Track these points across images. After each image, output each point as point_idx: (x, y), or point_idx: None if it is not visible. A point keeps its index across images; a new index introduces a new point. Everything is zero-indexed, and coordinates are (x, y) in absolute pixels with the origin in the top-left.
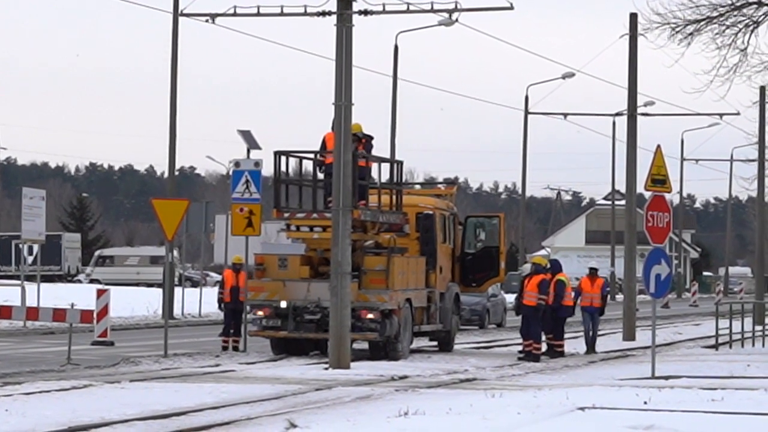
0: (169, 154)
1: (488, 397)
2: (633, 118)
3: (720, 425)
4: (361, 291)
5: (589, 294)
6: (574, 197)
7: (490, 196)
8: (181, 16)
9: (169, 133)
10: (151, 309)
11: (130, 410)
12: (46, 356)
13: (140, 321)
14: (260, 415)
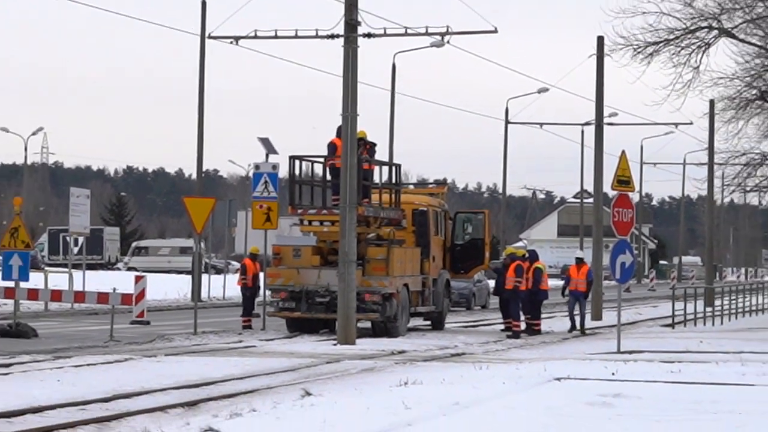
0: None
1: (476, 369)
2: (599, 127)
3: (678, 393)
4: (365, 277)
5: (575, 280)
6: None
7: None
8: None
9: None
10: (181, 293)
11: (166, 380)
12: (91, 334)
13: (172, 303)
14: (279, 385)
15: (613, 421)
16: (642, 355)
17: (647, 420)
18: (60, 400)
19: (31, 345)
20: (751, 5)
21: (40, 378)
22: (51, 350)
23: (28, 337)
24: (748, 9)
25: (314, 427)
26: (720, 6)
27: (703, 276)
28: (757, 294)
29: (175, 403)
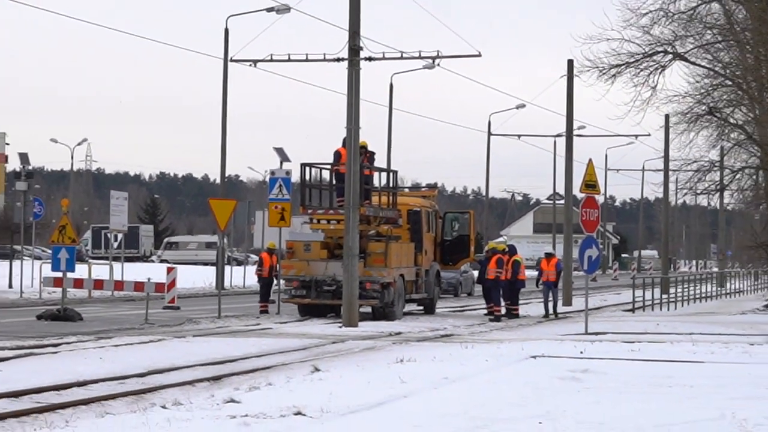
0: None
1: (463, 348)
2: (570, 138)
3: (638, 369)
4: (366, 268)
5: (546, 271)
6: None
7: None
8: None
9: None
10: (206, 282)
11: (194, 358)
12: (129, 318)
13: (199, 291)
14: (292, 362)
15: (582, 393)
16: (606, 336)
17: (611, 392)
18: (102, 375)
19: (76, 327)
20: (701, 33)
21: (84, 356)
22: (94, 332)
23: (74, 320)
24: (698, 36)
25: (323, 399)
26: (674, 33)
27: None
28: (705, 283)
29: (202, 377)
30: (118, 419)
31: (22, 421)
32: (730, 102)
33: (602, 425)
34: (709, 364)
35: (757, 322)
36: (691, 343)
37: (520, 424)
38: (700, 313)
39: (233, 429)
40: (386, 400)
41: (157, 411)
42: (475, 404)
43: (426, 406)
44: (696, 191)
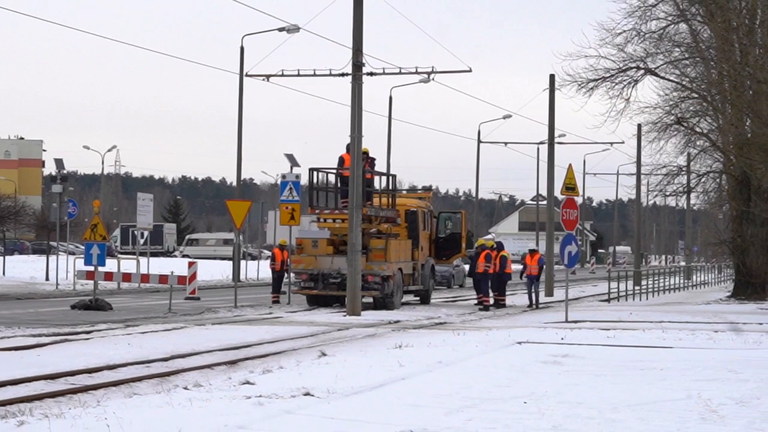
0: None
1: (455, 335)
2: (551, 145)
3: (613, 353)
4: (368, 263)
5: (530, 266)
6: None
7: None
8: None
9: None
10: (224, 275)
11: (213, 343)
12: (154, 307)
13: (217, 283)
14: (301, 347)
15: (562, 375)
16: (585, 324)
17: (589, 374)
18: (130, 359)
19: (107, 316)
20: (670, 50)
21: (114, 342)
22: (122, 320)
23: (104, 309)
24: (667, 53)
25: (329, 381)
26: (646, 51)
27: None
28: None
29: (220, 361)
30: (144, 399)
31: (59, 401)
32: (696, 113)
33: (581, 404)
34: (677, 350)
35: (721, 312)
36: (661, 330)
37: (507, 403)
38: (669, 303)
39: (248, 408)
40: (386, 382)
41: (180, 392)
42: (467, 386)
43: (422, 388)
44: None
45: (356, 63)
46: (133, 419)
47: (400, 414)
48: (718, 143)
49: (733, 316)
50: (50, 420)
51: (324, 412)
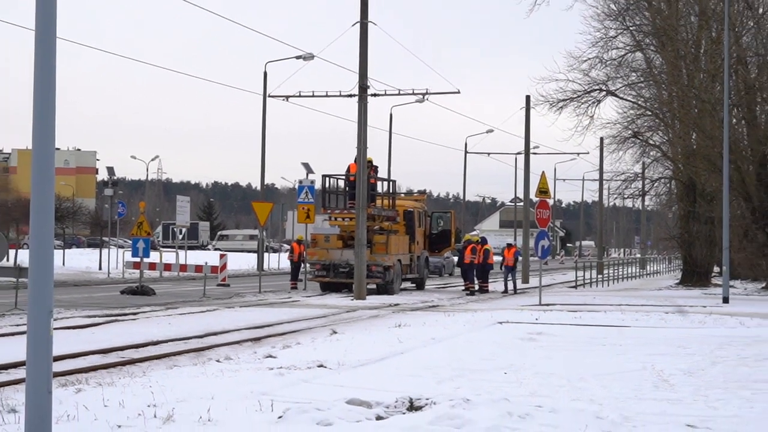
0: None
1: (446, 316)
2: (527, 155)
3: (579, 331)
4: (372, 255)
5: (507, 258)
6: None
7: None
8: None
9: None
10: (250, 265)
11: (240, 323)
12: (191, 293)
13: (244, 272)
14: (315, 327)
15: (537, 349)
16: (556, 307)
17: (559, 349)
18: (170, 336)
19: (150, 300)
20: (628, 75)
21: (156, 322)
22: (164, 303)
23: (149, 294)
24: (625, 77)
25: (339, 355)
26: (607, 75)
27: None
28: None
29: (246, 338)
30: (183, 370)
31: (110, 372)
32: (649, 128)
33: (553, 375)
34: (634, 328)
35: (670, 296)
36: (620, 312)
37: (490, 373)
38: (627, 289)
39: (271, 378)
40: (387, 356)
41: (213, 364)
42: (456, 358)
43: (418, 360)
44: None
45: (362, 86)
46: (174, 387)
47: (399, 383)
48: (668, 154)
49: (682, 300)
50: (103, 388)
51: (335, 381)
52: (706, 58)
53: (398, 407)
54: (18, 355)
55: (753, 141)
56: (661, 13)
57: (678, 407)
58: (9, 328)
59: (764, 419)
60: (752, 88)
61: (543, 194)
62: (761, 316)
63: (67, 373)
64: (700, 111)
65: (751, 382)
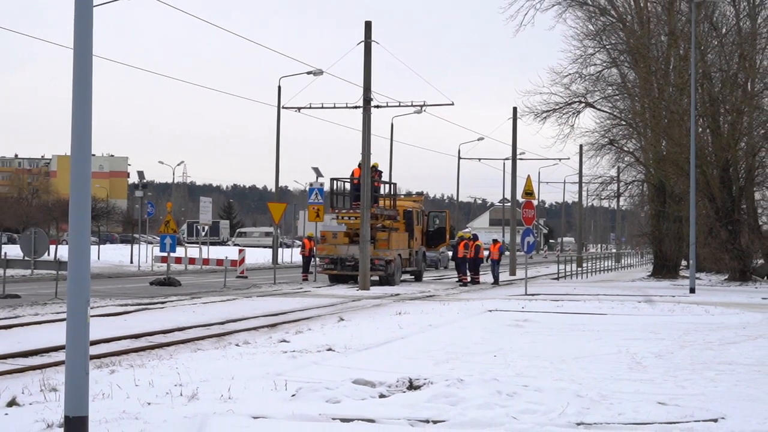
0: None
1: (442, 305)
2: (514, 161)
3: (561, 318)
4: (375, 250)
5: (492, 251)
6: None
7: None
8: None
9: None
10: (265, 259)
11: (257, 311)
12: (213, 284)
13: (260, 265)
14: (324, 314)
15: (523, 335)
16: (540, 296)
17: (543, 334)
18: (194, 323)
19: (177, 291)
20: (605, 88)
21: (182, 310)
22: (188, 293)
23: (175, 285)
24: (602, 90)
25: (346, 340)
26: (586, 89)
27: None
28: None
29: (262, 325)
30: (206, 353)
31: (141, 355)
32: (624, 136)
33: (537, 357)
34: (610, 316)
35: (642, 287)
36: (598, 301)
37: (481, 356)
38: (604, 281)
39: (285, 360)
40: (389, 340)
41: (233, 348)
42: (450, 343)
43: (416, 344)
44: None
45: (366, 98)
46: (198, 368)
47: (400, 364)
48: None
49: (653, 290)
50: (134, 369)
51: (342, 363)
52: (674, 74)
53: (399, 386)
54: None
55: (717, 148)
56: (634, 33)
57: (650, 386)
58: (50, 316)
59: (727, 396)
60: (716, 101)
61: (528, 195)
62: (724, 305)
63: (102, 355)
64: (669, 121)
65: (715, 363)
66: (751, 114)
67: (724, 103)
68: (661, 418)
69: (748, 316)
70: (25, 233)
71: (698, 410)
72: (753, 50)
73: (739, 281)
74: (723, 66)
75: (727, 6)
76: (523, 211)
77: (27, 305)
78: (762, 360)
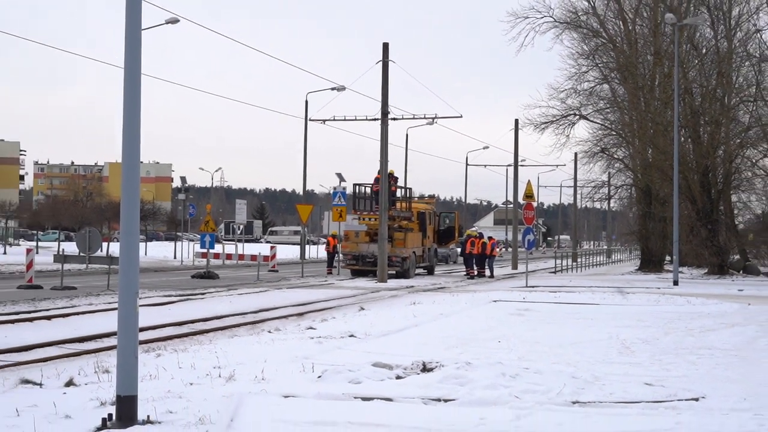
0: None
1: (451, 296)
2: (516, 167)
3: (559, 308)
4: (392, 248)
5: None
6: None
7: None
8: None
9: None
10: (294, 255)
11: (287, 302)
12: (247, 277)
13: (290, 260)
14: (346, 304)
15: (524, 322)
16: (539, 288)
17: (542, 321)
18: (231, 311)
19: (215, 283)
20: (597, 102)
21: (220, 300)
22: (226, 285)
23: (214, 278)
24: (595, 104)
25: (366, 327)
26: (580, 103)
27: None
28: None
29: (291, 314)
30: (241, 339)
31: (183, 340)
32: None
33: (537, 343)
34: (602, 305)
35: (631, 280)
36: (591, 292)
37: (487, 342)
38: (596, 274)
39: (312, 344)
40: (405, 328)
41: (265, 334)
42: (459, 330)
43: (429, 331)
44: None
45: (384, 112)
46: (234, 352)
47: (414, 349)
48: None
49: (639, 282)
50: (178, 353)
51: (363, 347)
52: (659, 89)
53: (414, 369)
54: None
55: (697, 155)
56: (624, 53)
57: (638, 369)
58: (103, 305)
59: (707, 378)
60: (696, 113)
61: (529, 198)
62: (704, 296)
63: (149, 341)
64: (654, 131)
65: (696, 348)
66: (728, 125)
67: (703, 115)
68: (648, 398)
69: (725, 306)
70: (80, 232)
71: (681, 390)
72: (729, 68)
73: (718, 275)
74: (703, 82)
75: (706, 28)
76: (524, 211)
77: (82, 296)
78: (738, 346)
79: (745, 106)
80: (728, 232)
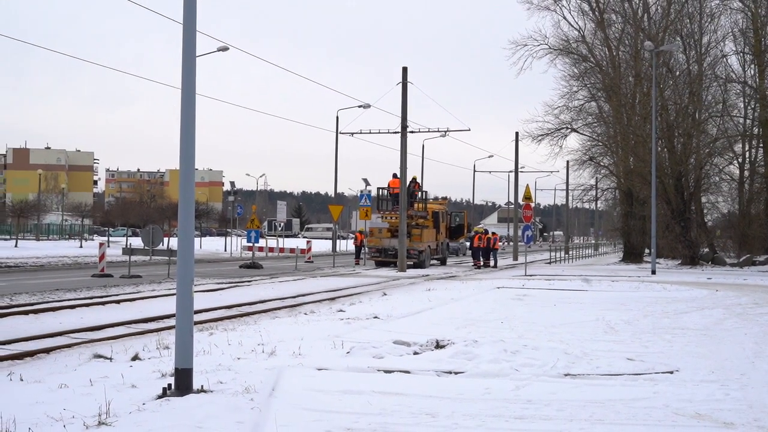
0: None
1: (461, 283)
2: (516, 173)
3: (553, 293)
4: (411, 242)
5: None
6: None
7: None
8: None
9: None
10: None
11: (321, 288)
12: (287, 267)
13: (323, 253)
14: (371, 290)
15: (523, 306)
16: (536, 276)
17: (538, 306)
18: (272, 296)
19: (260, 272)
20: (586, 117)
21: (263, 287)
22: (269, 274)
23: (258, 268)
24: (584, 119)
25: (388, 310)
26: (571, 118)
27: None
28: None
29: (324, 298)
30: (281, 320)
31: (232, 321)
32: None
33: (534, 323)
34: (590, 292)
35: (616, 269)
36: (581, 280)
37: (491, 323)
38: (585, 264)
39: (342, 325)
40: (421, 310)
41: (302, 316)
42: (468, 312)
43: (442, 314)
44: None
45: (403, 126)
46: (275, 331)
47: (429, 329)
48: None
49: (622, 272)
50: (228, 332)
51: (385, 327)
52: (639, 106)
53: (428, 346)
54: (170, 309)
55: (672, 163)
56: (609, 75)
57: (621, 346)
58: (164, 291)
59: (680, 354)
60: (671, 127)
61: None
62: (678, 284)
63: (203, 321)
64: (635, 142)
65: (671, 329)
66: (698, 137)
67: (677, 129)
68: (630, 371)
69: (696, 292)
70: (145, 229)
71: (658, 364)
72: (700, 88)
73: (690, 265)
74: (677, 100)
75: (680, 54)
76: (523, 211)
77: (146, 283)
78: (707, 326)
79: (713, 121)
80: (699, 228)
